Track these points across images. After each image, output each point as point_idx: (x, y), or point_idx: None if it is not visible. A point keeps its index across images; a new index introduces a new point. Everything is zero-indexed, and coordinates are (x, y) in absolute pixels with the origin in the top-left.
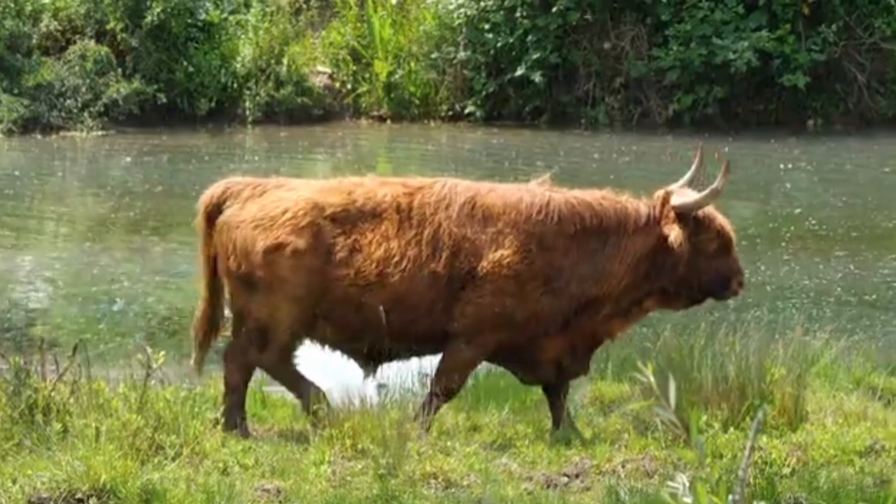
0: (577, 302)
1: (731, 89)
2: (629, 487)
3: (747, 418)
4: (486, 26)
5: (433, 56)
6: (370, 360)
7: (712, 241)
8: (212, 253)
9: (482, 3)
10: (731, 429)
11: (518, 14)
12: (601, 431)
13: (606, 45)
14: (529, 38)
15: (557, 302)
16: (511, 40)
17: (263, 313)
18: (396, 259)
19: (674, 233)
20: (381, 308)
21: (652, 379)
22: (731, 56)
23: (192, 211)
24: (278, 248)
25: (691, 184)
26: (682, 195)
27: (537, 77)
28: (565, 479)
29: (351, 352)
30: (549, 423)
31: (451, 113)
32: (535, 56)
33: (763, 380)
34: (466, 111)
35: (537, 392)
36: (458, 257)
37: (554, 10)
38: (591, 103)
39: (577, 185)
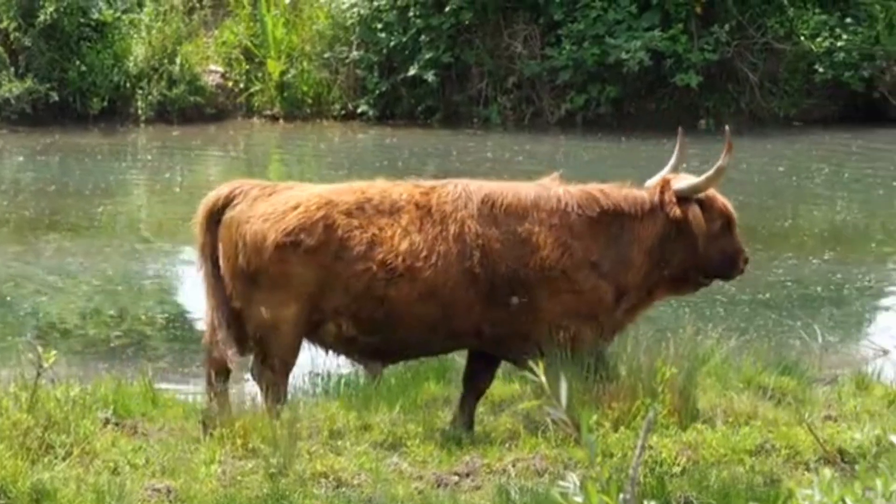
0: (617, 288)
1: (623, 89)
2: (520, 486)
3: (638, 417)
4: (379, 26)
5: (326, 55)
6: (380, 356)
7: (715, 221)
8: (213, 256)
9: (375, 3)
10: (622, 428)
11: (411, 14)
12: (492, 430)
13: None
14: (422, 37)
15: (609, 286)
16: (404, 40)
17: (267, 315)
18: (425, 254)
19: (690, 212)
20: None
21: (543, 378)
22: (624, 56)
23: (84, 210)
24: (290, 242)
25: (676, 170)
26: (683, 179)
27: (430, 76)
28: (456, 478)
29: (363, 348)
30: (440, 423)
31: (343, 112)
32: (427, 55)
33: (654, 379)
34: (359, 110)
35: (428, 391)
36: (491, 258)
37: (447, 9)
38: (483, 103)
39: None
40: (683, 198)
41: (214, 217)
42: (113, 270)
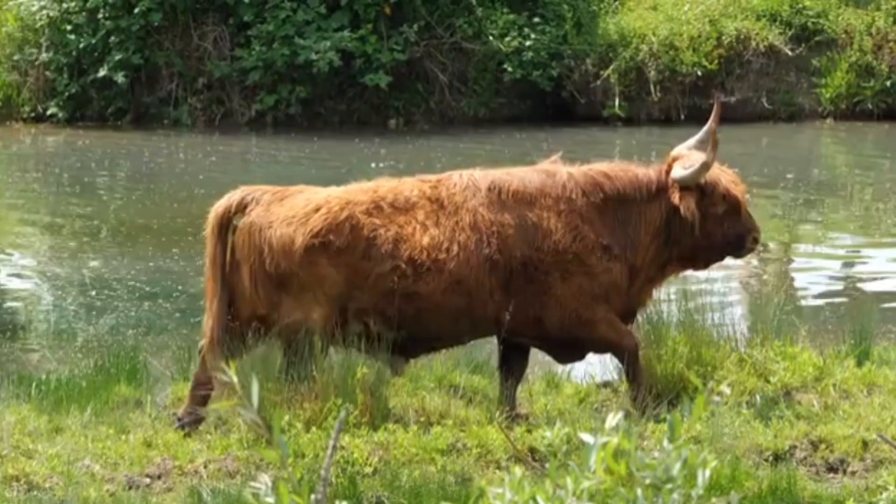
0: (629, 269)
1: (313, 89)
2: (211, 488)
3: (330, 418)
4: (69, 27)
5: (15, 58)
6: (404, 352)
7: (717, 204)
8: (223, 261)
9: (64, 5)
10: (314, 428)
11: (100, 15)
12: (184, 432)
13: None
14: (112, 38)
15: (623, 267)
16: (94, 41)
17: (297, 316)
18: (446, 245)
19: (683, 203)
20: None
21: (235, 379)
22: (314, 56)
23: None
24: (319, 243)
25: (706, 141)
26: (683, 164)
27: (120, 78)
28: (147, 479)
29: (389, 345)
30: (131, 425)
31: (33, 114)
32: (117, 57)
33: (346, 379)
34: (49, 112)
35: (119, 393)
36: (507, 244)
37: (136, 11)
38: (173, 104)
39: (168, 186)
40: (684, 185)
41: (226, 224)
42: None
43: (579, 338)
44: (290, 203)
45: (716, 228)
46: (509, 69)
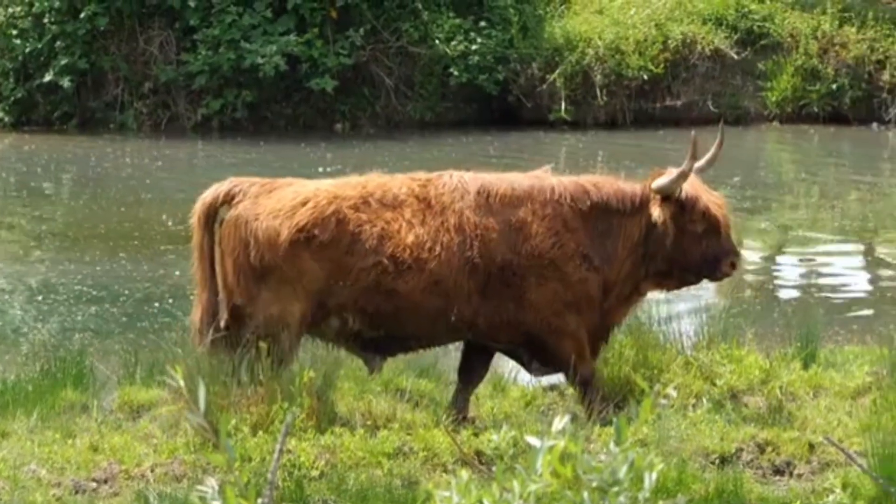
0: (604, 282)
1: (259, 93)
2: (159, 492)
3: (276, 421)
4: (14, 32)
5: None
6: (381, 350)
7: (696, 222)
8: (210, 254)
9: (10, 10)
10: (261, 432)
11: (46, 20)
12: (131, 436)
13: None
14: (58, 43)
15: (598, 279)
16: (39, 46)
17: (274, 310)
18: (429, 245)
19: (656, 212)
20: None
21: (181, 383)
22: (260, 60)
23: None
24: (304, 237)
25: (704, 169)
26: (665, 176)
27: (66, 82)
28: (94, 484)
29: (365, 342)
30: (77, 429)
31: None
32: (63, 61)
33: (293, 383)
34: None
35: (66, 398)
36: (489, 248)
37: (82, 15)
38: (119, 108)
39: (115, 190)
40: (665, 196)
41: (212, 214)
42: None
43: (546, 344)
44: (278, 196)
45: (693, 247)
46: (455, 73)
